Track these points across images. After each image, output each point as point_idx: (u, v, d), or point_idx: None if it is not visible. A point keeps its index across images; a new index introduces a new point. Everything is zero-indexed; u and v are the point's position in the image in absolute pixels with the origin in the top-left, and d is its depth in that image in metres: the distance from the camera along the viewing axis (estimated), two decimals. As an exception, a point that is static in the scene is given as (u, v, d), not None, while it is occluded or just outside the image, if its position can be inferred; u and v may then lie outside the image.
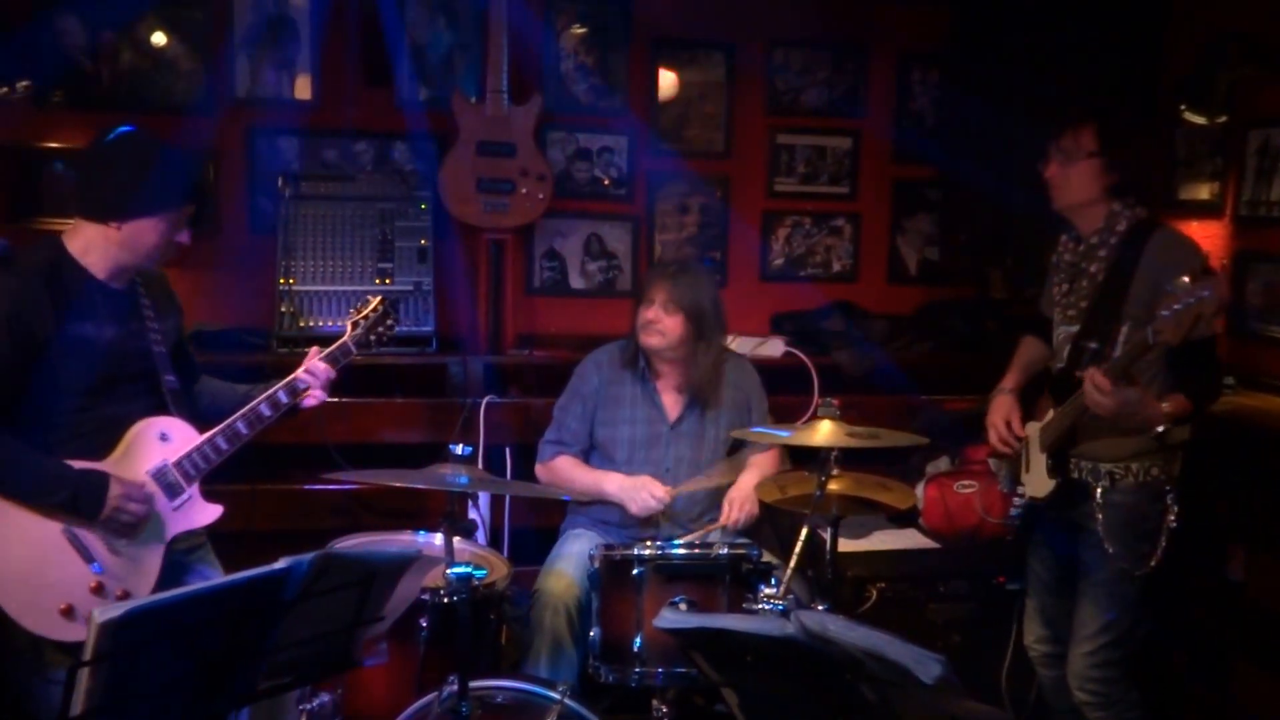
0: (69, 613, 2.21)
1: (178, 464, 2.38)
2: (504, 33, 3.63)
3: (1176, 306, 2.07)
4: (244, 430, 2.42)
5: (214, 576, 2.48)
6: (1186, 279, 2.08)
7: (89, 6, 3.70)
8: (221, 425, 2.42)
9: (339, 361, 2.57)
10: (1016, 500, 2.71)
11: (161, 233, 2.32)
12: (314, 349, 2.58)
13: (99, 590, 2.25)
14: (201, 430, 2.41)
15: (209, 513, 2.44)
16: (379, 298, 2.66)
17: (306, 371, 2.52)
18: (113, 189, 2.30)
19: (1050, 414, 2.57)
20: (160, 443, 2.38)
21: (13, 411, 2.22)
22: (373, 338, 2.62)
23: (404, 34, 3.89)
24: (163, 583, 2.32)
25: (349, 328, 2.61)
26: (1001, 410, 2.73)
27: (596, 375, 3.03)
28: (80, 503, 2.24)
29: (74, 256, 2.32)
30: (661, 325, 2.91)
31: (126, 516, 2.27)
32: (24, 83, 3.50)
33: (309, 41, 3.84)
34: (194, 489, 2.41)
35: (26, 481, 2.22)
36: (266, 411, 2.45)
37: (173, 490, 2.37)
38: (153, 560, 2.34)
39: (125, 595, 2.26)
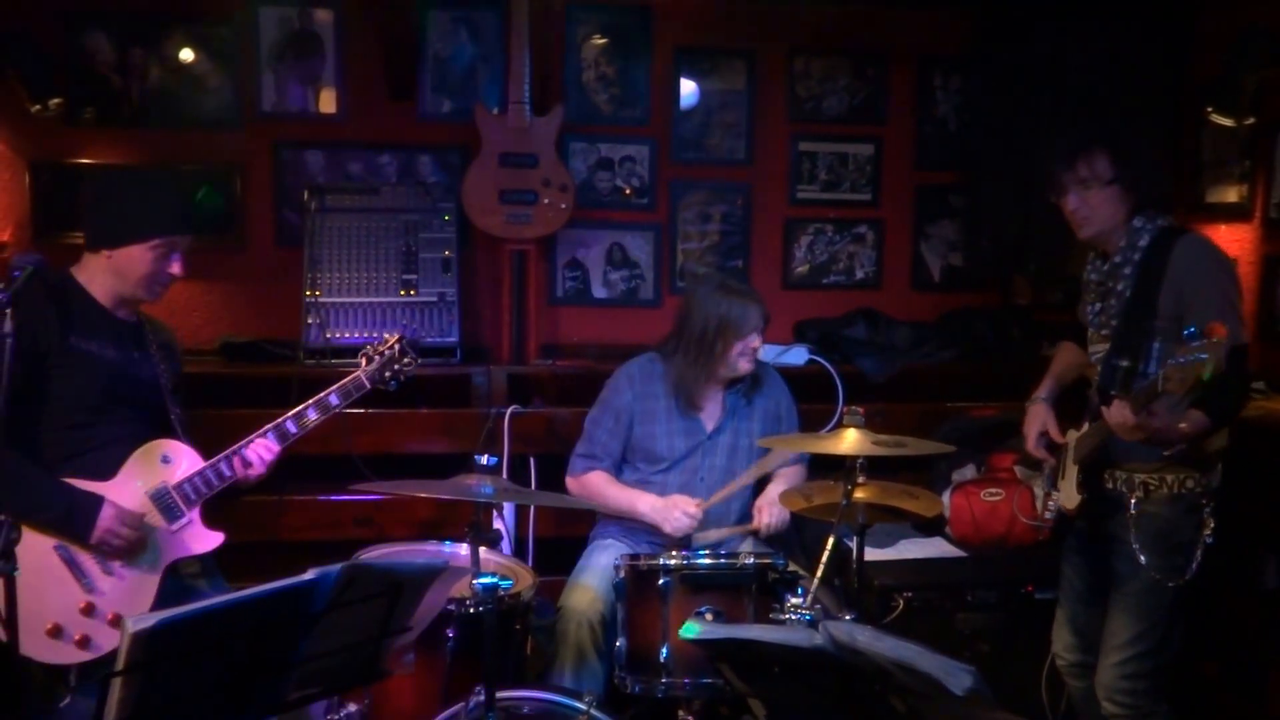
0: (56, 632, 2.21)
1: (177, 487, 2.39)
2: (525, 44, 3.65)
3: (1182, 360, 2.06)
4: (249, 457, 2.44)
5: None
6: (1194, 329, 2.06)
7: (119, 25, 3.76)
8: (226, 451, 2.43)
9: (351, 396, 2.56)
10: (1051, 504, 2.69)
11: (150, 261, 2.37)
12: (262, 432, 2.49)
13: (89, 611, 2.25)
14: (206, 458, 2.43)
15: (209, 540, 2.43)
16: (397, 336, 2.65)
17: (254, 451, 2.46)
18: (102, 218, 2.37)
19: (1086, 427, 2.55)
20: (162, 465, 2.39)
21: (17, 428, 2.23)
22: (388, 374, 2.61)
23: (427, 47, 3.93)
24: (161, 606, 2.27)
25: (363, 362, 2.62)
26: (1036, 421, 2.70)
27: (629, 389, 3.02)
28: (72, 523, 2.24)
29: (81, 284, 2.39)
30: (760, 347, 2.96)
31: (117, 541, 2.27)
32: (56, 100, 3.56)
33: (333, 56, 3.89)
34: (194, 514, 2.41)
35: (19, 497, 2.21)
36: (285, 435, 2.49)
37: (171, 513, 2.38)
38: (149, 584, 2.34)
39: (117, 618, 2.24)
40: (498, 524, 3.34)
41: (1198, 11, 3.74)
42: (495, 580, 2.19)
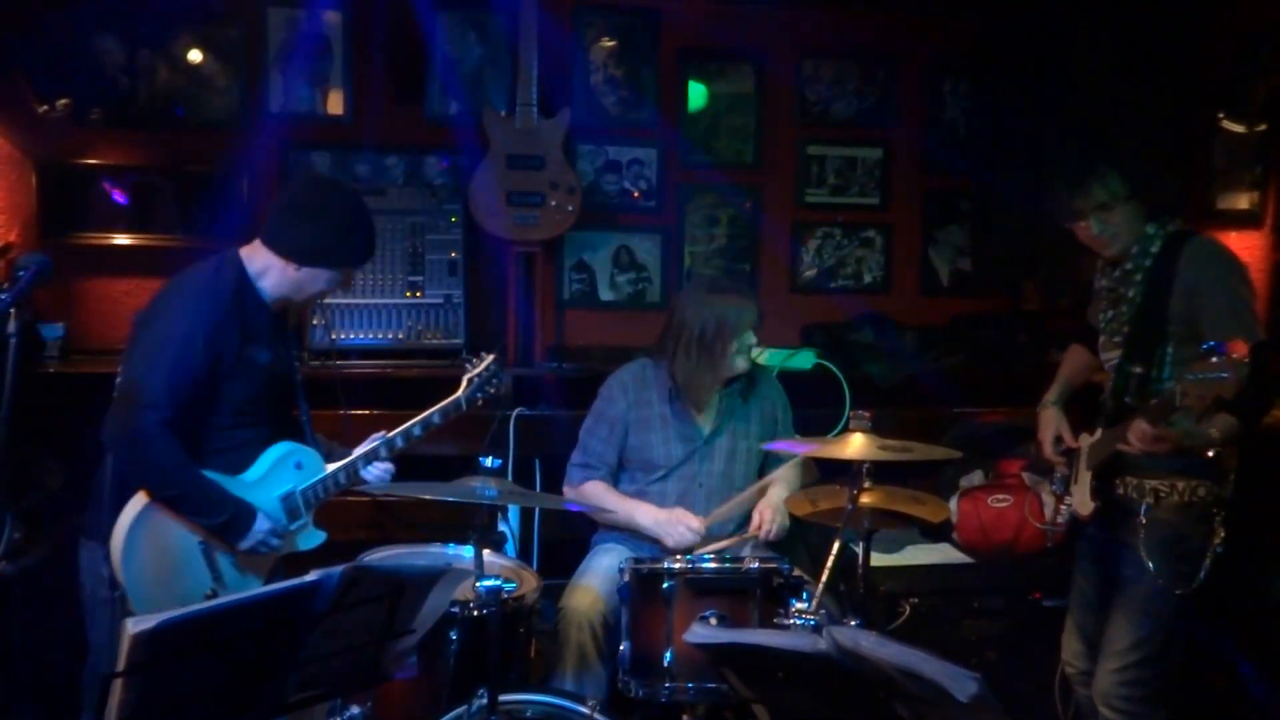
0: None
1: (303, 492, 2.51)
2: (533, 47, 3.65)
3: (1201, 375, 2.04)
4: (362, 473, 2.58)
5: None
6: (1215, 344, 2.04)
7: (127, 25, 3.77)
8: (343, 462, 2.56)
9: (449, 417, 2.67)
10: (1064, 509, 2.67)
11: (331, 282, 2.45)
12: (379, 435, 2.64)
13: (213, 599, 2.33)
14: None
15: (316, 537, 2.59)
16: (492, 355, 2.74)
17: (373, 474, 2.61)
18: (306, 234, 2.40)
19: (1099, 433, 2.54)
20: (295, 470, 2.52)
21: (182, 427, 2.32)
22: (479, 396, 2.71)
23: (434, 49, 3.93)
24: None
25: (464, 384, 2.70)
26: (1050, 426, 2.69)
27: (623, 398, 3.00)
28: (231, 530, 2.37)
29: (251, 278, 2.43)
30: (756, 343, 2.95)
31: (266, 550, 2.42)
32: (63, 101, 3.57)
33: (341, 58, 3.89)
34: (309, 516, 2.55)
35: (194, 501, 2.34)
36: (393, 448, 2.63)
37: (293, 515, 2.51)
38: (260, 577, 2.47)
39: None
40: (502, 526, 3.33)
41: (1209, 17, 3.73)
42: (499, 583, 2.19)
